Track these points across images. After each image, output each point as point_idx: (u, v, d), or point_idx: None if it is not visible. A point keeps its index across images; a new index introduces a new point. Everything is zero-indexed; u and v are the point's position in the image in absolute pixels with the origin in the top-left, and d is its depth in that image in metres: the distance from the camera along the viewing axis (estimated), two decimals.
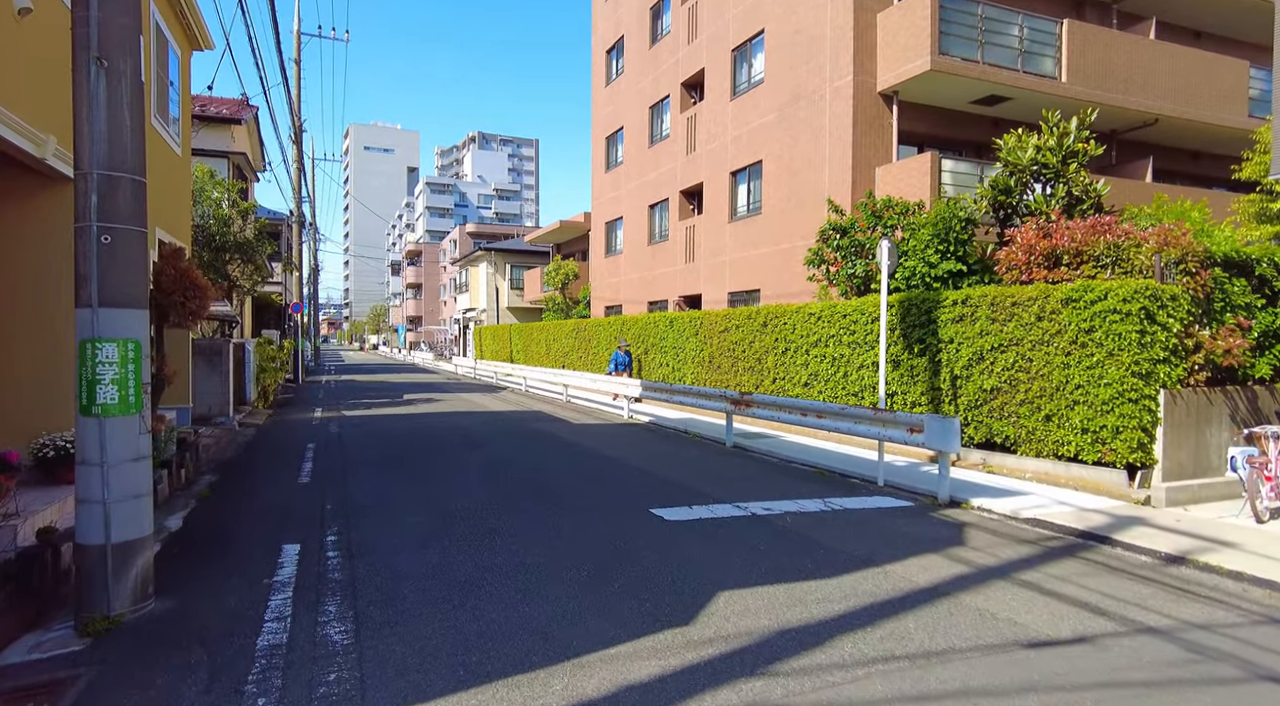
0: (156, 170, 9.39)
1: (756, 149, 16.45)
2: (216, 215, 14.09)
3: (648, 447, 10.21)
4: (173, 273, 7.35)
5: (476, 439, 10.73)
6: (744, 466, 8.79)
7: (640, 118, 22.20)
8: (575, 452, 9.60)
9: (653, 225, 21.63)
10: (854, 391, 10.43)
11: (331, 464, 8.67)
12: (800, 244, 14.80)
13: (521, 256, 38.16)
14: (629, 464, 8.76)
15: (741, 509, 6.39)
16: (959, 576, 4.69)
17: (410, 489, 7.16)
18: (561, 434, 11.46)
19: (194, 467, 8.34)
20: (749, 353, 13.00)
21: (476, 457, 9.06)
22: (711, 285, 18.09)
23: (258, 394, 15.21)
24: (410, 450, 9.65)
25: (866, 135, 13.80)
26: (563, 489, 7.18)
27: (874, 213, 11.01)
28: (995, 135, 15.26)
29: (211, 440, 10.34)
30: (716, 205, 17.99)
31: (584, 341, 21.19)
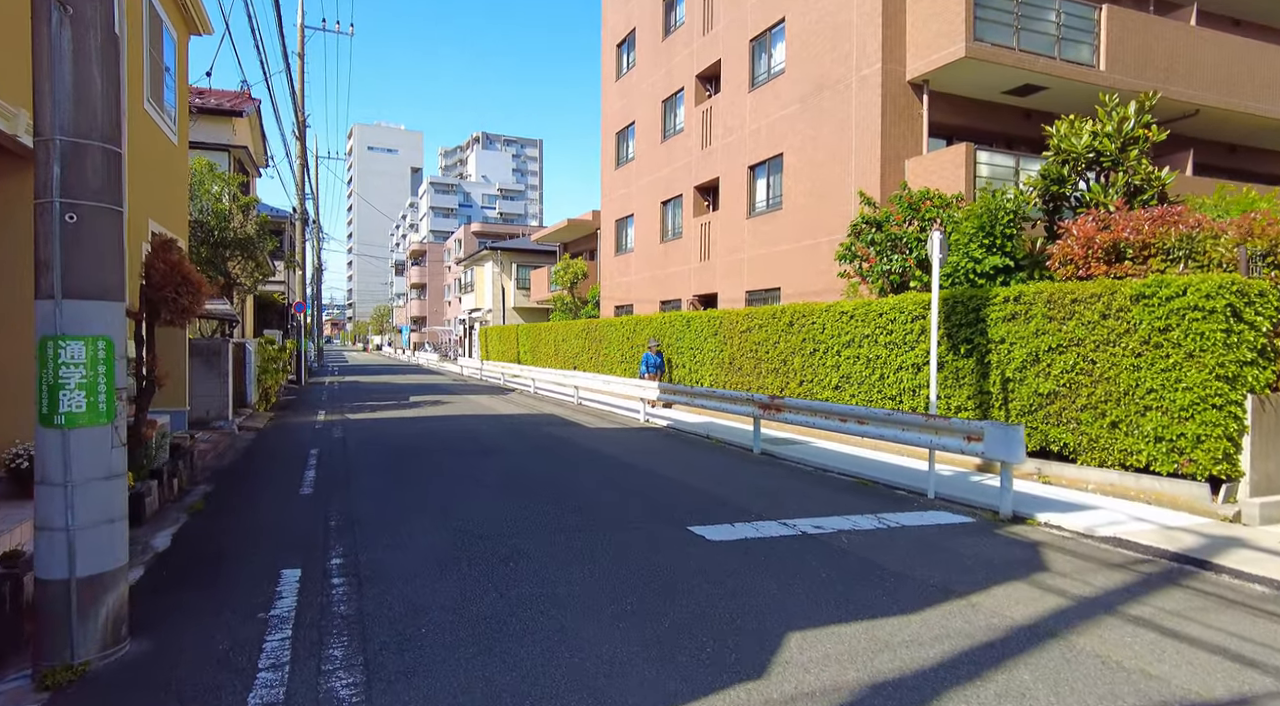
0: (151, 158, 8.82)
1: (776, 142, 15.83)
2: (216, 209, 13.52)
3: (671, 454, 9.60)
4: (164, 266, 6.76)
5: (488, 445, 10.13)
6: (778, 476, 8.18)
7: (652, 112, 21.61)
8: (595, 460, 8.99)
9: (665, 222, 21.03)
10: (891, 395, 9.81)
11: (335, 472, 8.08)
12: (824, 240, 14.18)
13: (528, 256, 37.59)
14: (656, 472, 8.15)
15: (789, 526, 5.77)
16: (1057, 611, 4.07)
17: (421, 501, 6.56)
18: (578, 439, 10.85)
19: (188, 476, 7.75)
20: (773, 354, 12.38)
21: (491, 466, 8.46)
22: (728, 283, 17.47)
23: (259, 396, 14.63)
24: (419, 457, 9.05)
25: (895, 126, 13.18)
26: (589, 502, 6.57)
27: (910, 205, 10.39)
28: (1027, 128, 14.67)
29: (209, 445, 9.75)
30: (733, 200, 17.38)
31: (594, 342, 20.59)
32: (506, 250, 37.45)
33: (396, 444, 10.21)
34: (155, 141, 8.98)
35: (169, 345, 10.28)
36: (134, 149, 7.91)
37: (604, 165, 25.17)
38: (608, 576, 4.52)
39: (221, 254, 14.02)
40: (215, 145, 15.98)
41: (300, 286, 24.62)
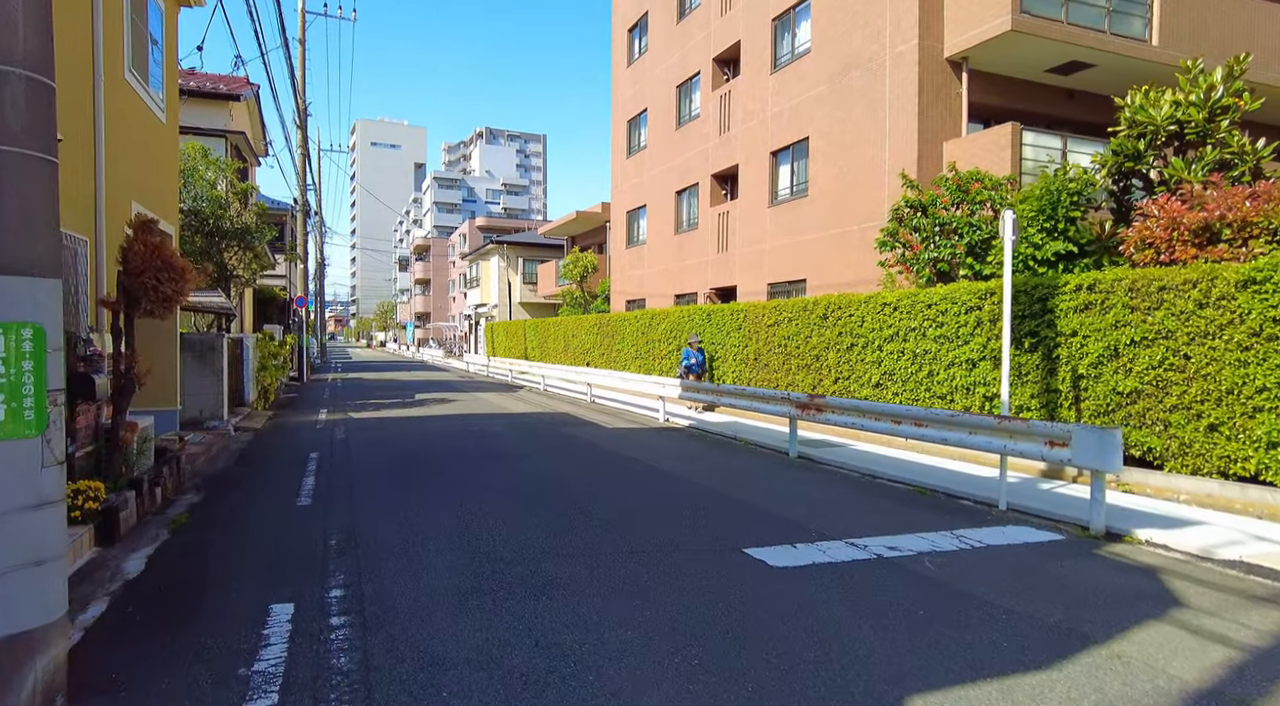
0: (133, 134, 8.05)
1: (802, 125, 15.01)
2: (210, 196, 12.76)
3: (701, 458, 8.82)
4: (143, 249, 6.01)
5: (502, 447, 9.36)
6: (823, 483, 7.40)
7: (666, 98, 20.78)
8: (620, 464, 8.22)
9: (680, 213, 20.23)
10: (940, 393, 9.01)
11: (337, 479, 7.32)
12: (854, 228, 13.38)
13: (534, 250, 36.82)
14: (688, 479, 7.37)
15: (859, 547, 4.99)
16: (1230, 666, 3.28)
17: (433, 515, 5.80)
18: (599, 441, 10.08)
19: (174, 484, 7.00)
20: (804, 349, 11.59)
21: (507, 471, 7.70)
22: (748, 276, 16.67)
23: (257, 394, 13.89)
24: (428, 461, 8.29)
25: (932, 106, 12.36)
26: (622, 515, 5.80)
27: (958, 186, 9.57)
28: (1069, 109, 13.82)
29: (200, 448, 9.00)
30: (754, 188, 16.57)
31: (607, 337, 19.81)
32: (513, 244, 36.68)
33: (403, 446, 9.45)
34: (139, 116, 8.22)
35: (157, 339, 9.55)
36: (114, 123, 7.15)
37: (615, 155, 24.36)
38: (662, 615, 3.75)
39: (217, 244, 13.28)
40: (211, 131, 15.22)
41: (302, 280, 23.89)
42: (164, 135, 9.36)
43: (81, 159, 6.31)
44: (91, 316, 6.35)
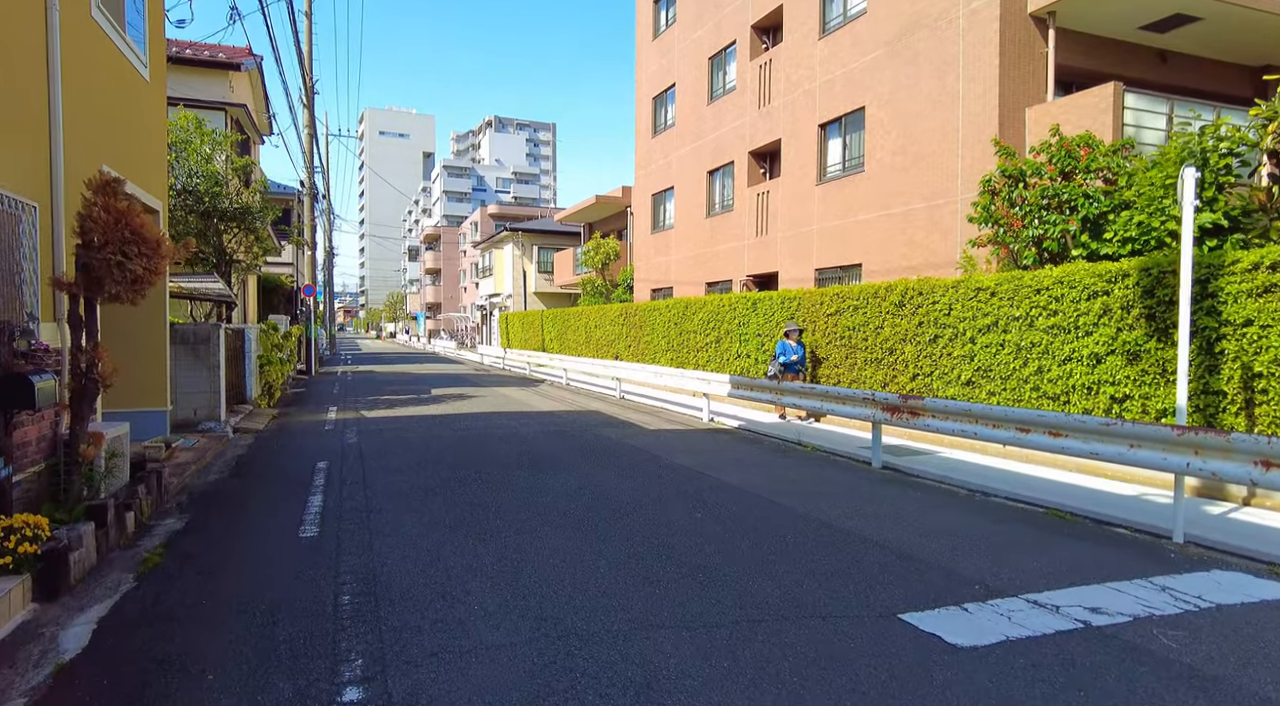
0: (104, 88, 6.74)
1: (856, 94, 13.61)
2: (206, 172, 11.52)
3: (767, 468, 7.54)
4: (105, 217, 4.76)
5: (541, 455, 8.11)
6: (932, 504, 6.10)
7: (697, 71, 19.38)
8: (678, 477, 6.94)
9: (712, 194, 18.86)
10: (1052, 393, 7.68)
11: (349, 498, 6.08)
12: (920, 206, 12.01)
13: (550, 237, 35.52)
14: (769, 499, 6.10)
15: (1048, 608, 3.71)
16: None
17: (471, 552, 4.55)
18: (644, 446, 8.81)
19: (153, 505, 5.78)
20: (874, 341, 10.27)
21: (549, 487, 6.44)
22: (792, 261, 15.32)
23: (260, 390, 12.70)
24: (455, 473, 7.05)
25: (1014, 68, 10.94)
26: (716, 556, 4.53)
27: (1068, 152, 8.20)
28: (1163, 72, 12.36)
29: (191, 455, 7.80)
30: (799, 165, 15.18)
31: (633, 328, 18.53)
32: (528, 231, 35.39)
33: (423, 453, 8.21)
34: (111, 66, 6.95)
35: (141, 329, 8.35)
36: (76, 67, 5.89)
37: (639, 134, 22.98)
38: None
39: (215, 226, 12.05)
40: (209, 103, 13.97)
41: (309, 268, 22.70)
42: (147, 95, 8.10)
43: (25, 99, 5.06)
44: (45, 302, 5.13)
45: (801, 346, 11.31)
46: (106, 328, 8.29)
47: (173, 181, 11.04)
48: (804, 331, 11.47)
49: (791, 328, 11.37)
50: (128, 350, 8.37)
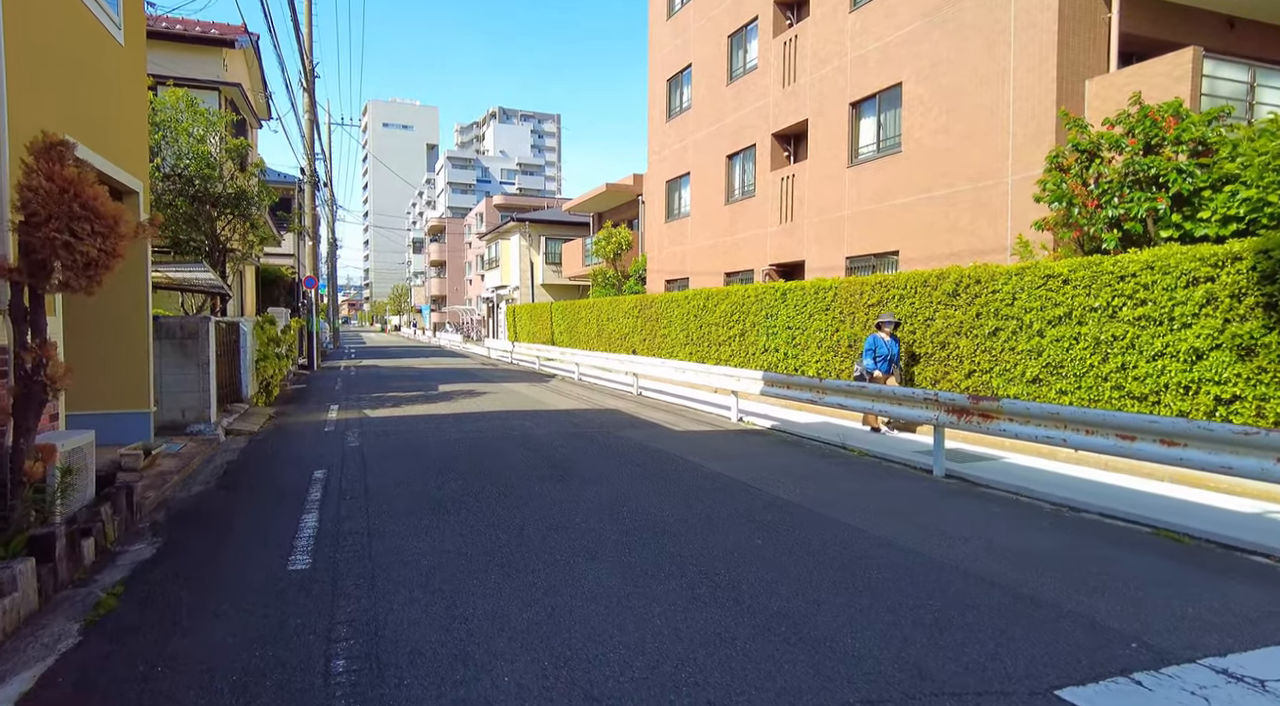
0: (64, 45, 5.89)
1: (892, 69, 12.69)
2: (197, 154, 10.68)
3: (825, 480, 6.70)
4: (49, 187, 3.93)
5: (562, 461, 7.29)
6: (1026, 525, 5.26)
7: (715, 50, 18.44)
8: (721, 489, 6.11)
9: (732, 179, 17.96)
10: (1141, 393, 6.82)
11: (349, 517, 5.28)
12: (966, 188, 11.11)
13: (558, 228, 34.65)
14: (835, 519, 5.26)
15: (1252, 685, 2.87)
16: None
17: (496, 598, 3.73)
18: (674, 450, 7.98)
19: (121, 527, 4.98)
20: (924, 335, 9.41)
21: (578, 502, 5.62)
22: (820, 249, 14.44)
23: (257, 388, 11.92)
24: (469, 487, 6.23)
25: (1074, 35, 10.01)
26: (794, 600, 3.70)
27: (1154, 122, 7.29)
28: (1230, 40, 11.39)
29: (175, 463, 7.01)
30: (828, 147, 14.28)
31: (649, 321, 17.68)
32: (535, 222, 34.51)
33: (432, 460, 7.40)
34: (74, 22, 6.11)
35: (120, 323, 7.55)
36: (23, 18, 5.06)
37: (652, 118, 22.06)
38: None
39: (207, 212, 11.23)
40: (202, 82, 13.14)
41: (311, 259, 21.89)
42: (122, 61, 7.26)
43: None
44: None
45: (896, 342, 9.52)
46: (80, 321, 7.49)
47: (159, 162, 10.22)
48: (900, 323, 9.65)
49: (886, 319, 9.46)
50: (105, 346, 7.59)
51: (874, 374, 9.26)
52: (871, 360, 9.32)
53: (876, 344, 9.41)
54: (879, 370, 9.25)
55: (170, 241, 11.02)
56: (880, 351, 9.34)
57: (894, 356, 9.39)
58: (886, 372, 9.28)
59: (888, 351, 9.33)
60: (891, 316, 9.50)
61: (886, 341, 9.37)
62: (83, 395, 7.45)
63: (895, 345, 9.44)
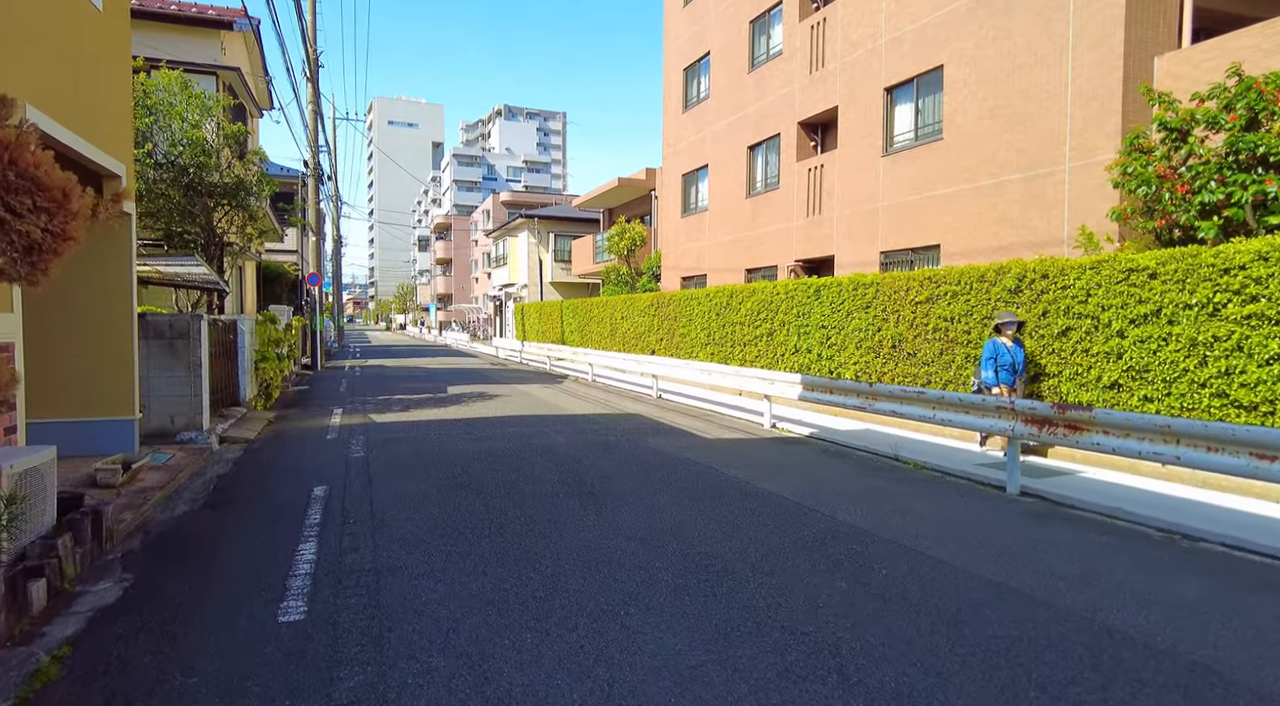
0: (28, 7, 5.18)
1: (932, 51, 11.89)
2: (191, 140, 9.95)
3: (889, 500, 5.93)
4: None
5: (590, 476, 6.52)
6: (1145, 560, 4.49)
7: (735, 37, 17.64)
8: (787, 517, 5.34)
9: (754, 171, 17.17)
10: (1251, 402, 6.01)
11: (353, 548, 4.53)
12: (1016, 177, 10.31)
13: (567, 225, 33.92)
14: (932, 556, 4.49)
15: None
16: None
17: (535, 667, 2.97)
18: (715, 464, 7.21)
19: (85, 560, 4.25)
20: (980, 335, 8.61)
21: (621, 530, 4.86)
22: (852, 243, 13.64)
23: (257, 390, 11.20)
24: (490, 508, 5.48)
25: (1140, 9, 9.20)
26: (933, 685, 2.93)
27: (1260, 95, 6.48)
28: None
29: (160, 477, 6.27)
30: (861, 135, 13.48)
31: (666, 320, 16.91)
32: (544, 218, 33.77)
33: (445, 473, 6.65)
34: None
35: (100, 320, 6.83)
36: None
37: (667, 109, 21.28)
38: None
39: (203, 202, 10.51)
40: (198, 66, 12.42)
41: (315, 256, 21.19)
42: (100, 30, 6.52)
43: None
44: None
45: (1020, 347, 7.70)
46: (52, 319, 6.75)
47: (149, 148, 9.50)
48: (1024, 324, 7.95)
49: (1007, 319, 7.65)
50: (82, 346, 6.86)
51: (995, 388, 7.57)
52: (992, 371, 7.56)
53: (997, 351, 7.59)
54: (1001, 383, 7.54)
55: (163, 234, 10.31)
56: (1002, 359, 7.55)
57: (1018, 365, 7.59)
58: (1010, 386, 7.58)
59: (1010, 359, 7.54)
60: (1012, 316, 7.72)
61: (1009, 347, 7.59)
62: (55, 401, 6.73)
63: (1019, 351, 7.66)
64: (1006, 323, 7.66)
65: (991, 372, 7.58)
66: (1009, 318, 7.71)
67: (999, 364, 7.57)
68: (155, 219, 9.95)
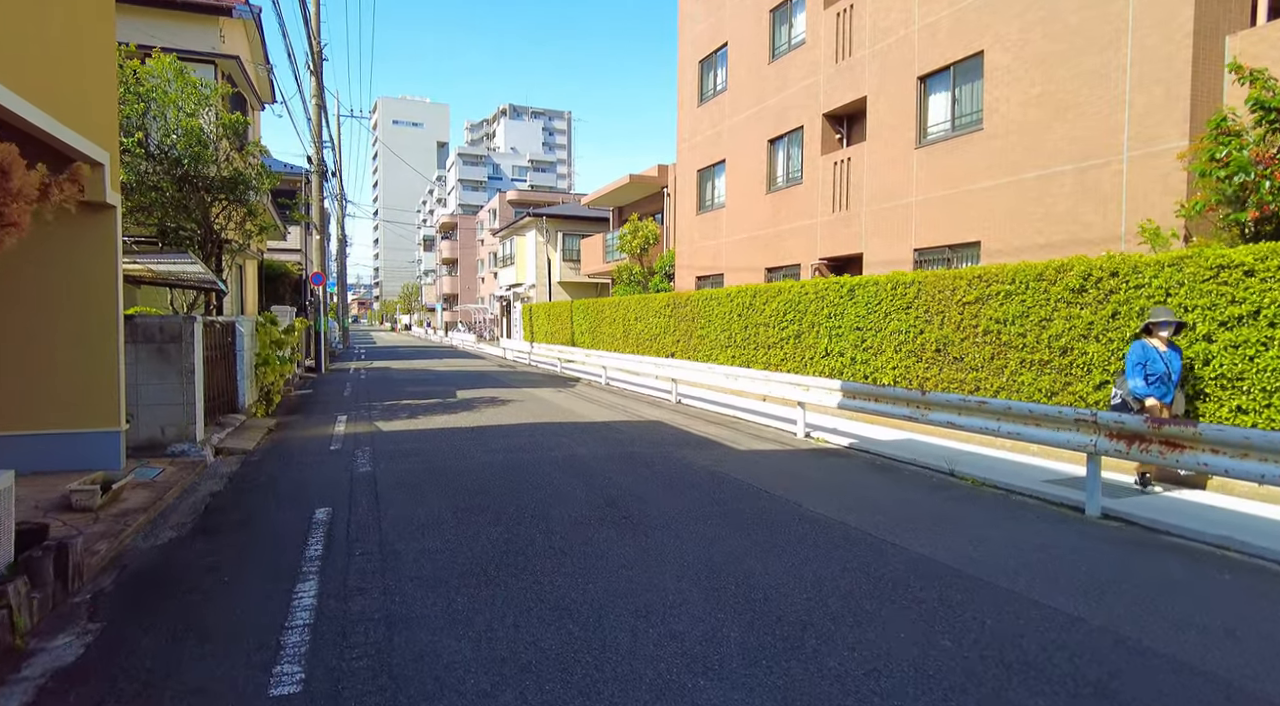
0: None
1: (970, 36, 11.21)
2: (186, 129, 9.34)
3: (955, 523, 5.27)
4: None
5: (622, 496, 5.88)
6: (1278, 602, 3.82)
7: (755, 27, 16.98)
8: (852, 549, 4.69)
9: (774, 166, 16.50)
10: None
11: (359, 590, 3.89)
12: (1067, 168, 9.63)
13: (575, 224, 33.30)
14: (1040, 602, 3.83)
15: None
16: None
17: None
18: (756, 480, 6.55)
19: (45, 607, 3.62)
20: (1036, 338, 7.94)
21: (666, 566, 4.22)
22: (882, 240, 12.96)
23: (257, 396, 10.58)
24: (515, 537, 4.83)
25: None
26: None
27: None
28: None
29: (146, 497, 5.65)
30: (891, 126, 12.80)
31: (683, 321, 16.26)
32: (552, 217, 33.14)
33: (461, 491, 6.01)
34: None
35: (80, 322, 6.23)
36: None
37: (681, 103, 20.62)
38: None
39: (199, 197, 9.90)
40: (196, 54, 11.81)
41: (319, 255, 20.59)
42: None
43: None
44: None
45: (1177, 352, 6.23)
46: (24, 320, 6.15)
47: (139, 137, 8.89)
48: (1183, 325, 6.42)
49: (1162, 318, 6.23)
50: (61, 351, 6.24)
51: (1146, 402, 6.18)
52: (1141, 379, 6.14)
53: (1148, 356, 6.15)
54: (1153, 396, 6.13)
55: (157, 230, 9.70)
56: (1154, 367, 6.12)
57: (1173, 375, 6.15)
58: (1164, 399, 6.14)
59: (1164, 368, 6.12)
60: (1169, 314, 6.29)
61: (1164, 352, 6.17)
62: (31, 412, 6.12)
63: (1176, 358, 6.19)
64: (1161, 322, 6.22)
65: (1141, 381, 6.14)
66: (1164, 315, 6.25)
67: (1150, 373, 6.14)
68: (147, 214, 9.34)
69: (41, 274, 6.17)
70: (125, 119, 8.71)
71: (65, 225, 6.23)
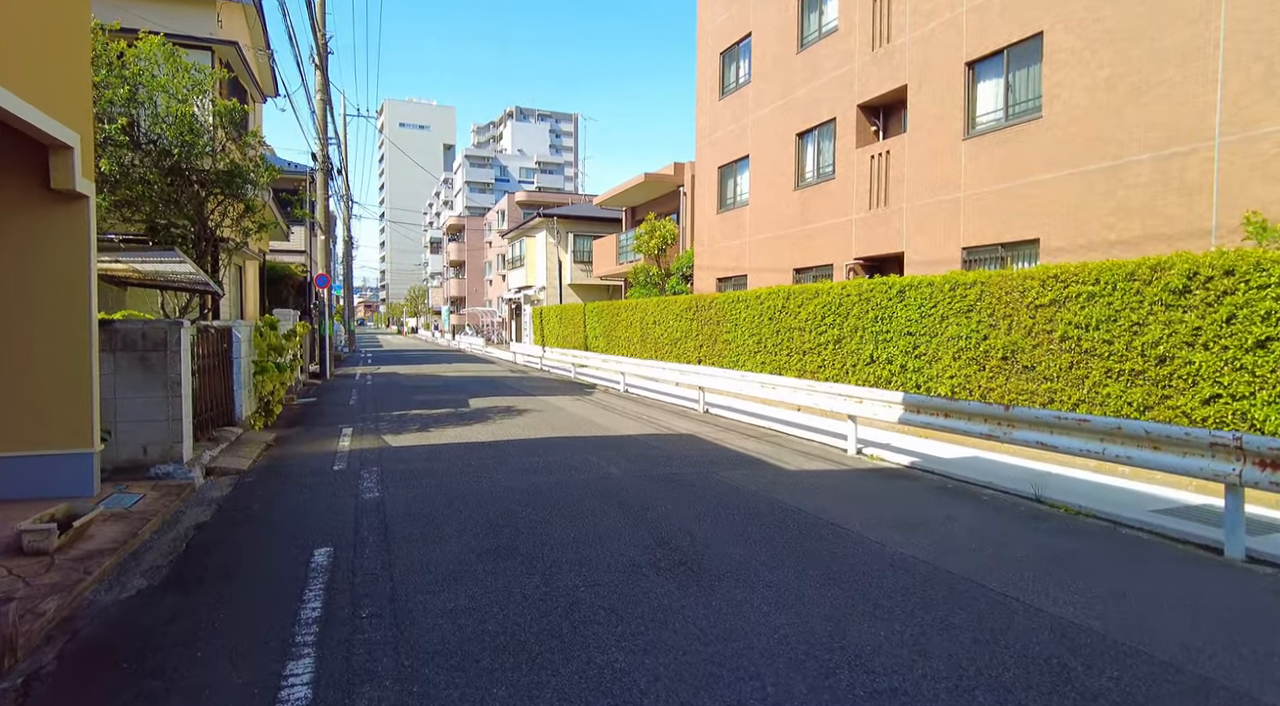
0: None
1: (1026, 17, 10.34)
2: (177, 116, 8.54)
3: (1072, 567, 4.40)
4: None
5: (672, 533, 5.01)
6: None
7: (781, 15, 16.12)
8: (960, 600, 3.82)
9: (803, 161, 15.63)
10: None
11: (367, 676, 3.04)
12: (1144, 157, 8.74)
13: (586, 224, 32.50)
14: (1230, 687, 2.95)
15: None
16: None
17: None
18: (820, 511, 5.68)
19: None
20: (1126, 345, 7.04)
21: (750, 638, 3.36)
22: (927, 238, 12.08)
23: (255, 407, 9.77)
24: (552, 590, 3.98)
25: None
26: None
27: None
28: None
29: (115, 534, 4.81)
30: (935, 116, 11.93)
31: (707, 325, 15.39)
32: (563, 218, 32.35)
33: (484, 524, 5.16)
34: None
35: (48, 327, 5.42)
36: None
37: (700, 98, 19.78)
38: None
39: (191, 190, 9.09)
40: (192, 40, 11.02)
41: (324, 256, 19.82)
42: None
43: None
44: None
45: None
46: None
47: (124, 123, 8.09)
48: None
49: None
50: (21, 361, 5.43)
51: None
52: None
53: None
54: None
55: (146, 226, 8.91)
56: None
57: None
58: None
59: None
60: None
61: None
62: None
63: None
64: None
65: None
66: None
67: None
68: (135, 209, 8.55)
69: (3, 273, 5.37)
70: (108, 104, 7.93)
71: (28, 216, 5.42)
